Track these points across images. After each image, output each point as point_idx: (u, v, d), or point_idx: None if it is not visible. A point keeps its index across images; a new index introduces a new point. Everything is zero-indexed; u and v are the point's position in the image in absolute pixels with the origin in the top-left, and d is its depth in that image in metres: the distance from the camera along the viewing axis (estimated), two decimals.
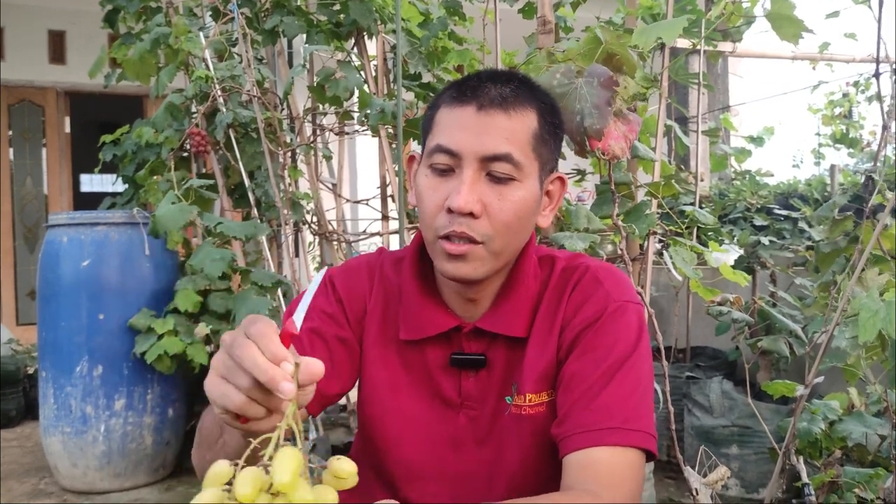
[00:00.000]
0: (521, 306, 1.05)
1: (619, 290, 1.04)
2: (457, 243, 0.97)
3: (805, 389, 1.26)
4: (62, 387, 2.92)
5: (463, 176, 0.96)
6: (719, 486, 1.24)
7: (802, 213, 3.08)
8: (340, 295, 1.11)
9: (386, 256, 1.16)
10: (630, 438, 0.95)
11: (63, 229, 2.96)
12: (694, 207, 1.99)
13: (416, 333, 1.07)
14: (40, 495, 2.95)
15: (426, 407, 1.08)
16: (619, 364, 0.99)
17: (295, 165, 3.37)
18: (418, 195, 1.02)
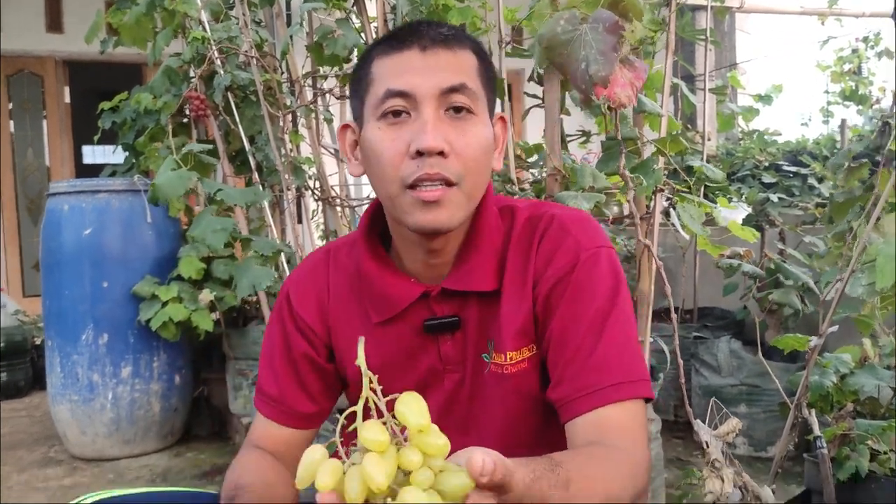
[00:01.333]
0: (487, 259, 1.02)
1: (589, 236, 1.01)
2: (430, 189, 0.92)
3: (819, 339, 1.23)
4: (68, 355, 2.92)
5: (423, 115, 0.92)
6: (731, 437, 1.22)
7: (812, 169, 3.03)
8: (297, 310, 1.10)
9: (338, 246, 1.14)
10: (633, 390, 0.94)
11: (64, 197, 2.94)
12: (702, 163, 1.95)
13: (385, 312, 1.05)
14: (50, 463, 2.97)
15: (411, 382, 1.05)
16: (604, 315, 0.97)
17: (296, 130, 3.33)
18: (372, 151, 0.96)
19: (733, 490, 1.12)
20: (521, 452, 0.83)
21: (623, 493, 0.85)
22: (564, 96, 2.17)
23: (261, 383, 1.12)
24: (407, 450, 0.63)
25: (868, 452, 1.34)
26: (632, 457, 0.89)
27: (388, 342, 1.06)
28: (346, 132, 1.04)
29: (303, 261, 1.19)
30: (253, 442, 1.11)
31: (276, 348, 1.11)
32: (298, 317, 1.09)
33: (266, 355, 1.13)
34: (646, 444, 0.93)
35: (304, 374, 1.09)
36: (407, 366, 1.06)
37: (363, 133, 0.98)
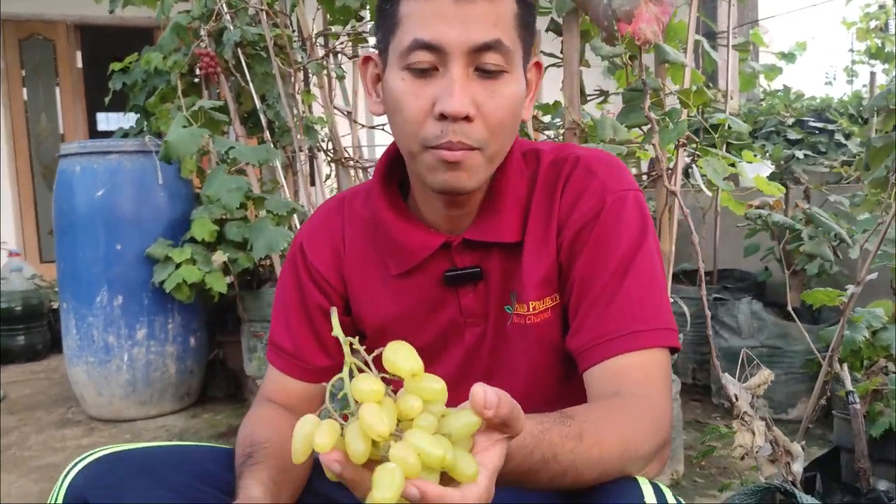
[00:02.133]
0: (511, 209, 0.97)
1: (615, 178, 0.96)
2: (452, 149, 0.87)
3: (857, 287, 1.18)
4: (84, 317, 2.92)
5: (451, 74, 0.85)
6: (762, 390, 1.18)
7: (840, 125, 2.94)
8: (311, 261, 1.05)
9: (353, 194, 1.08)
10: (656, 339, 0.90)
11: (75, 158, 2.91)
12: (726, 115, 1.89)
13: (404, 264, 1.00)
14: (68, 424, 2.98)
15: (431, 336, 1.02)
16: (628, 260, 0.92)
17: (308, 89, 3.27)
18: (395, 102, 0.89)
19: (764, 444, 1.08)
20: (543, 407, 0.79)
21: (644, 444, 0.81)
22: (584, 48, 2.10)
23: (274, 336, 1.09)
24: (404, 397, 0.60)
25: None
26: (654, 407, 0.85)
27: (406, 294, 1.02)
28: (368, 65, 0.97)
29: (316, 210, 1.15)
30: (266, 396, 1.08)
31: (290, 300, 1.07)
32: (313, 267, 1.06)
33: (279, 307, 1.10)
34: (669, 395, 0.89)
35: (320, 326, 1.05)
36: (426, 319, 1.02)
37: (386, 76, 0.91)
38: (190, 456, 1.03)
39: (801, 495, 0.89)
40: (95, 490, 0.92)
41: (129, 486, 0.93)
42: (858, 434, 1.23)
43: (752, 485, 1.04)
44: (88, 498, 0.92)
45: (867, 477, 1.25)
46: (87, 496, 0.92)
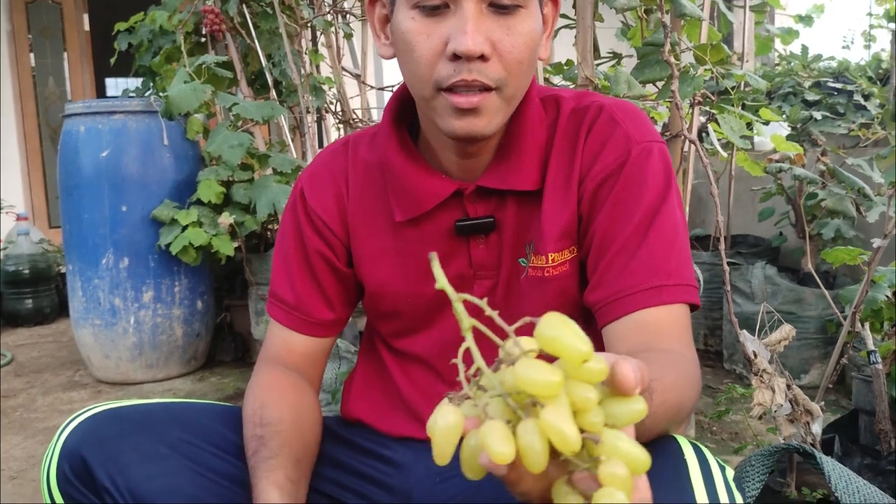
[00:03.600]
0: (530, 156, 0.93)
1: (640, 130, 0.92)
2: (467, 94, 0.82)
3: (884, 241, 1.14)
4: (89, 279, 2.90)
5: (464, 12, 0.80)
6: (782, 346, 1.14)
7: (859, 85, 2.87)
8: (312, 205, 1.02)
9: (357, 138, 1.05)
10: (679, 294, 0.86)
11: (80, 118, 2.87)
12: (744, 71, 1.83)
13: (412, 211, 0.96)
14: (75, 386, 2.98)
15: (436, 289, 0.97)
16: (652, 215, 0.88)
17: (316, 49, 3.21)
18: (405, 43, 0.85)
19: (784, 402, 1.05)
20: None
21: (689, 402, 0.78)
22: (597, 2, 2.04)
23: (275, 288, 1.05)
24: (577, 387, 0.49)
25: None
26: (691, 363, 0.82)
27: (413, 244, 0.98)
28: (376, 6, 0.93)
29: (317, 154, 1.10)
30: (270, 356, 1.05)
31: (291, 249, 1.04)
32: (314, 213, 1.02)
33: (280, 257, 1.06)
34: (695, 350, 0.86)
35: (322, 277, 1.03)
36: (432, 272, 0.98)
37: (395, 16, 0.87)
38: (188, 412, 1.00)
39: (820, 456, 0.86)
40: (91, 445, 0.89)
41: (126, 440, 0.91)
42: (880, 395, 1.19)
43: (769, 445, 1.01)
44: (84, 453, 0.89)
45: (888, 439, 1.22)
46: (84, 451, 0.89)
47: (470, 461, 0.51)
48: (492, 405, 0.50)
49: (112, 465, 0.88)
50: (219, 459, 0.95)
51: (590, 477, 0.49)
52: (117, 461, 0.89)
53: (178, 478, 0.90)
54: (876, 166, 2.28)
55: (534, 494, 0.54)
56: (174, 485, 0.90)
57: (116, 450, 0.89)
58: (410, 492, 1.05)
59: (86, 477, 0.89)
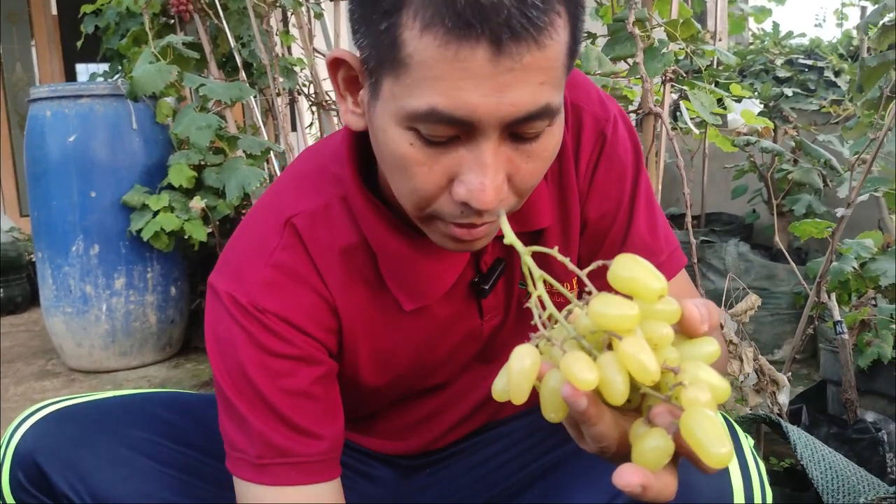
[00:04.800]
0: (541, 189, 0.83)
1: (599, 104, 0.86)
2: (470, 228, 0.69)
3: (847, 210, 1.14)
4: (59, 267, 2.86)
5: (481, 154, 0.63)
6: (748, 316, 1.15)
7: (829, 61, 2.88)
8: (287, 317, 0.78)
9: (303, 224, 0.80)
10: (674, 265, 0.87)
11: (46, 103, 2.82)
12: (714, 47, 1.83)
13: (427, 296, 0.83)
14: (48, 375, 2.94)
15: (446, 349, 0.90)
16: (632, 194, 0.87)
17: (287, 30, 3.18)
18: (395, 159, 0.66)
19: (751, 372, 1.06)
20: None
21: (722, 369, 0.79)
22: None
23: (271, 438, 0.78)
24: (652, 325, 0.49)
25: (892, 338, 1.27)
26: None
27: (419, 326, 0.86)
28: (340, 69, 0.72)
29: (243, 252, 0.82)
30: None
31: (276, 389, 0.78)
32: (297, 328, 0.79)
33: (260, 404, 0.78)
34: None
35: (326, 395, 0.82)
36: (440, 339, 0.88)
37: (375, 114, 0.67)
38: (147, 406, 0.95)
39: (786, 425, 0.87)
40: (47, 451, 0.85)
41: (84, 445, 0.87)
42: (846, 365, 1.20)
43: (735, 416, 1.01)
44: (39, 459, 0.85)
45: (854, 408, 1.24)
46: (38, 458, 0.85)
47: (551, 399, 0.51)
48: (567, 345, 0.51)
49: (71, 473, 0.85)
50: (182, 455, 0.92)
51: (669, 411, 0.49)
52: (76, 468, 0.85)
53: (142, 479, 0.87)
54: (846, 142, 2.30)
55: (610, 440, 0.52)
56: (139, 487, 0.87)
57: (75, 456, 0.86)
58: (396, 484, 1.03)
59: (42, 483, 0.85)
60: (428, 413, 0.98)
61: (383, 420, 1.00)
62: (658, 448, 0.48)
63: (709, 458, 0.46)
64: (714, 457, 0.46)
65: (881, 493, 0.91)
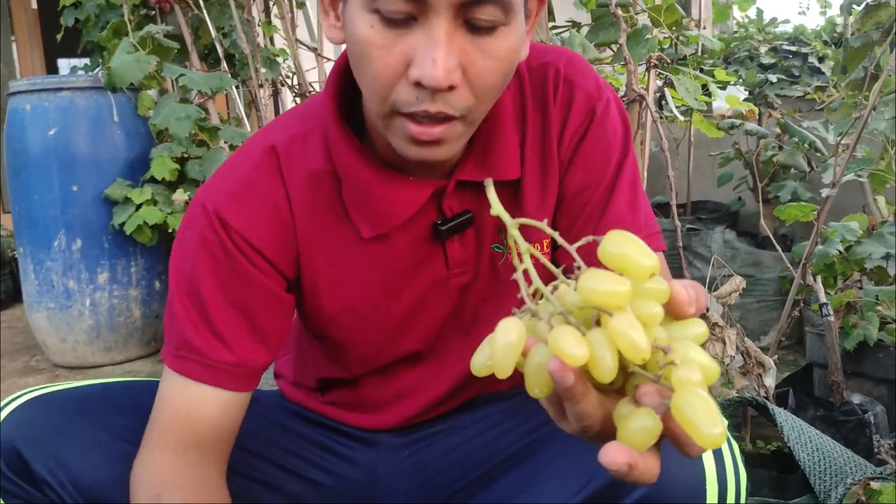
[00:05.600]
0: (509, 138, 0.86)
1: (594, 83, 0.89)
2: (427, 125, 0.72)
3: (833, 189, 1.14)
4: (41, 262, 2.82)
5: (433, 32, 0.67)
6: (733, 298, 1.14)
7: (813, 47, 2.89)
8: (242, 233, 0.83)
9: (283, 147, 0.87)
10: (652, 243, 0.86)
11: (25, 96, 2.78)
12: (699, 32, 1.82)
13: (383, 225, 0.85)
14: (32, 372, 2.91)
15: (411, 299, 0.91)
16: (617, 170, 0.88)
17: (269, 21, 3.15)
18: (359, 49, 0.71)
19: (736, 355, 1.05)
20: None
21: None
22: None
23: (188, 336, 0.84)
24: (642, 303, 0.48)
25: (877, 320, 1.27)
26: None
27: (381, 259, 0.88)
28: None
29: (223, 167, 0.88)
30: (166, 431, 0.85)
31: (208, 286, 0.83)
32: (248, 244, 0.84)
33: (187, 299, 0.84)
34: None
35: (257, 311, 0.85)
36: (404, 282, 0.90)
37: (347, 11, 0.73)
38: (127, 393, 0.95)
39: (773, 408, 0.87)
40: (27, 439, 0.85)
41: (65, 432, 0.86)
42: (832, 347, 1.20)
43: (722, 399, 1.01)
44: (20, 447, 0.84)
45: (840, 391, 1.23)
46: (18, 445, 0.84)
47: (536, 374, 0.50)
48: (554, 320, 0.49)
49: (52, 461, 0.84)
50: None
51: (657, 391, 0.47)
52: (57, 456, 0.85)
53: (121, 464, 0.86)
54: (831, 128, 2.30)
55: (594, 419, 0.51)
56: (119, 473, 0.85)
57: (55, 443, 0.85)
58: (375, 466, 1.03)
59: (23, 471, 0.85)
60: (408, 386, 0.99)
61: (364, 389, 1.01)
62: (646, 428, 0.47)
63: (701, 438, 0.45)
64: (707, 437, 0.45)
65: (868, 473, 0.91)
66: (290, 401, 1.09)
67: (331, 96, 0.85)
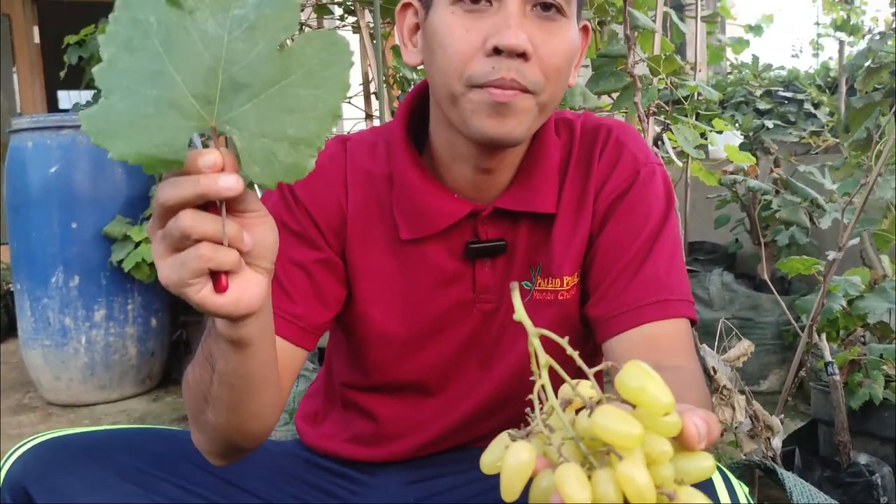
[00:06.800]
0: (549, 177, 0.93)
1: (643, 151, 0.95)
2: (505, 88, 0.80)
3: (839, 253, 1.15)
4: (38, 299, 2.81)
5: (508, 8, 0.79)
6: (741, 362, 1.15)
7: (808, 94, 2.93)
8: (307, 206, 0.93)
9: (353, 145, 0.98)
10: (683, 308, 0.88)
11: (27, 134, 2.79)
12: (697, 82, 1.84)
13: (422, 230, 0.92)
14: (24, 410, 2.89)
15: (434, 313, 0.96)
16: (655, 233, 0.91)
17: None
18: (438, 39, 0.83)
19: (745, 419, 1.05)
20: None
21: None
22: None
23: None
24: (653, 440, 0.48)
25: (882, 378, 1.27)
26: (701, 379, 0.85)
27: (414, 265, 0.95)
28: (406, 13, 0.91)
29: None
30: None
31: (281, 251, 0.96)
32: (310, 214, 0.93)
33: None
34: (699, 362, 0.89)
35: (317, 274, 0.93)
36: (432, 294, 0.95)
37: (430, 15, 0.85)
38: (136, 438, 0.97)
39: (781, 472, 0.87)
40: (34, 477, 0.86)
41: (71, 470, 0.87)
42: (838, 406, 1.20)
43: (731, 461, 1.00)
44: (28, 486, 0.85)
45: (847, 451, 1.23)
46: (26, 483, 0.86)
47: (539, 497, 0.50)
48: (565, 447, 0.49)
49: (56, 497, 0.85)
50: (170, 485, 0.92)
51: None
52: (63, 493, 0.85)
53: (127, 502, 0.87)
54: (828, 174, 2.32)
55: None
56: None
57: (61, 481, 0.86)
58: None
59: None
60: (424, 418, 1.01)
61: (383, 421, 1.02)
62: None
63: None
64: None
65: None
66: (306, 445, 1.09)
67: (401, 116, 0.95)
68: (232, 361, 0.72)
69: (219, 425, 0.80)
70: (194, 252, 0.59)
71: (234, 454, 0.87)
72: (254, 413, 0.80)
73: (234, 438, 0.82)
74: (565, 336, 0.98)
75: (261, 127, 0.58)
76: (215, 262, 0.59)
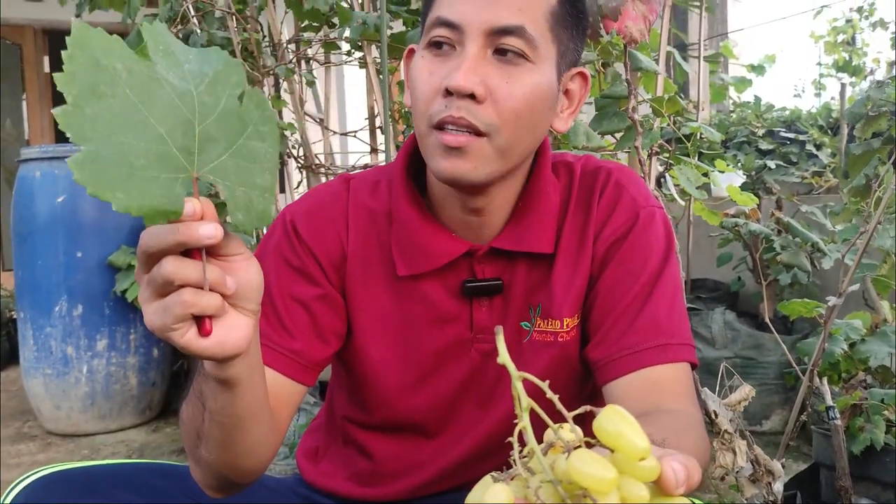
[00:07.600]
0: (546, 218, 0.93)
1: (643, 194, 0.95)
2: (454, 133, 0.81)
3: (839, 299, 1.15)
4: (41, 328, 2.82)
5: (465, 52, 0.81)
6: (742, 406, 1.15)
7: (810, 135, 2.95)
8: (308, 243, 0.94)
9: (356, 183, 0.99)
10: (682, 352, 0.88)
11: (35, 164, 2.82)
12: (699, 123, 1.86)
13: (418, 266, 0.93)
14: (24, 439, 2.87)
15: (431, 350, 0.96)
16: (656, 275, 0.91)
17: (278, 95, 3.21)
18: (412, 83, 0.86)
19: (746, 463, 1.05)
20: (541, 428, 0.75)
21: (704, 464, 0.81)
22: None
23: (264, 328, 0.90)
24: (630, 484, 0.48)
25: (884, 424, 1.27)
26: (700, 423, 0.85)
27: (411, 302, 0.95)
28: (412, 58, 0.92)
29: (312, 190, 1.05)
30: None
31: (276, 284, 0.93)
32: (312, 253, 0.94)
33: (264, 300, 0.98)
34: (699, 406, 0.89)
35: (319, 314, 0.94)
36: (429, 331, 0.96)
37: (412, 63, 0.89)
38: (140, 474, 0.97)
39: None
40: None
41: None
42: (839, 451, 1.20)
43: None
44: None
45: (849, 496, 1.22)
46: None
47: None
48: (543, 490, 0.49)
49: None
50: None
51: None
52: None
53: None
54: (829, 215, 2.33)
55: None
56: None
57: None
58: None
59: None
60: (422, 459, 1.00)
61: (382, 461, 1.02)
62: None
63: None
64: None
65: None
66: (306, 482, 1.09)
67: (403, 155, 0.97)
68: (220, 400, 0.73)
69: (212, 461, 0.80)
70: (177, 298, 0.60)
71: (230, 488, 0.87)
72: (245, 450, 0.81)
73: (228, 474, 0.83)
74: (565, 377, 0.98)
75: (238, 176, 0.61)
76: (198, 307, 0.61)
